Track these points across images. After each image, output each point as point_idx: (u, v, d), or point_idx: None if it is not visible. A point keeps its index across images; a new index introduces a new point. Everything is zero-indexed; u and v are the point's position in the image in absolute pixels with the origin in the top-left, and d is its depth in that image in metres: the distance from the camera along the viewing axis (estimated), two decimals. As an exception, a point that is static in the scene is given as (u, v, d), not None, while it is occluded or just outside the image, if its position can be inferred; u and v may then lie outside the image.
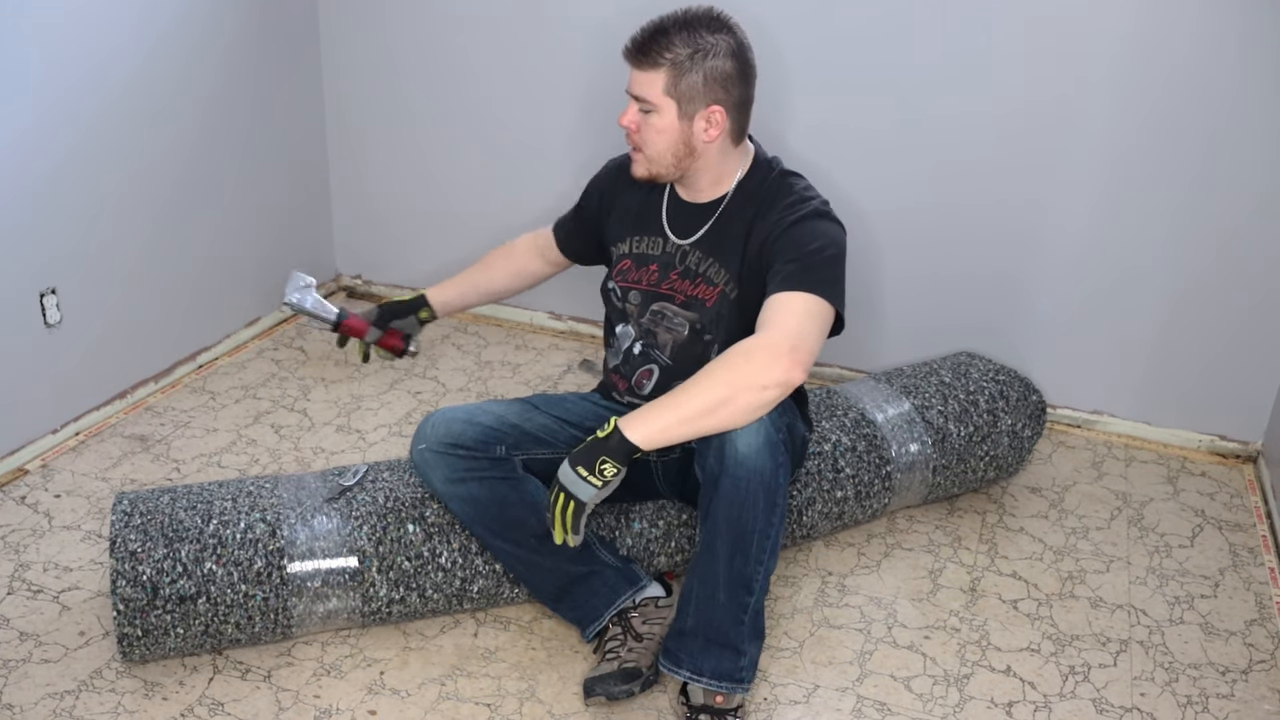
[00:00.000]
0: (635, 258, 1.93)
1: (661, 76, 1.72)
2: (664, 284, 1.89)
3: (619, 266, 1.95)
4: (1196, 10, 2.31)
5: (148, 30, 2.50)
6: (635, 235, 1.93)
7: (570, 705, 1.79)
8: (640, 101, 1.75)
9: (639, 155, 1.81)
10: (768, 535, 1.65)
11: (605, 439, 1.59)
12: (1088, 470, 2.56)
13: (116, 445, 2.47)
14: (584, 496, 1.59)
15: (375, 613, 1.88)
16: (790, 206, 1.79)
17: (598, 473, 1.58)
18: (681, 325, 1.88)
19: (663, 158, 1.79)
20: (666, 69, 1.72)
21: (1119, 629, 2.03)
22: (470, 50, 2.90)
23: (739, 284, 1.82)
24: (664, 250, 1.89)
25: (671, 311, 1.88)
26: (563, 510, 1.61)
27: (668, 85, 1.72)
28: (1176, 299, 2.55)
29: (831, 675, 1.88)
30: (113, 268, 2.53)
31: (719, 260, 1.84)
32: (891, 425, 2.23)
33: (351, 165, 3.17)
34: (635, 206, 1.94)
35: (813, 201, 1.81)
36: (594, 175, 2.06)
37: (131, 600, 1.72)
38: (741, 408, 1.58)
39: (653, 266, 1.90)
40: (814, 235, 1.75)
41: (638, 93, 1.75)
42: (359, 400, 2.71)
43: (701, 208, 1.86)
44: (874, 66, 2.57)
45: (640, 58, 1.73)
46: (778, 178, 1.84)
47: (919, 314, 2.76)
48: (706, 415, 1.57)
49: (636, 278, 1.92)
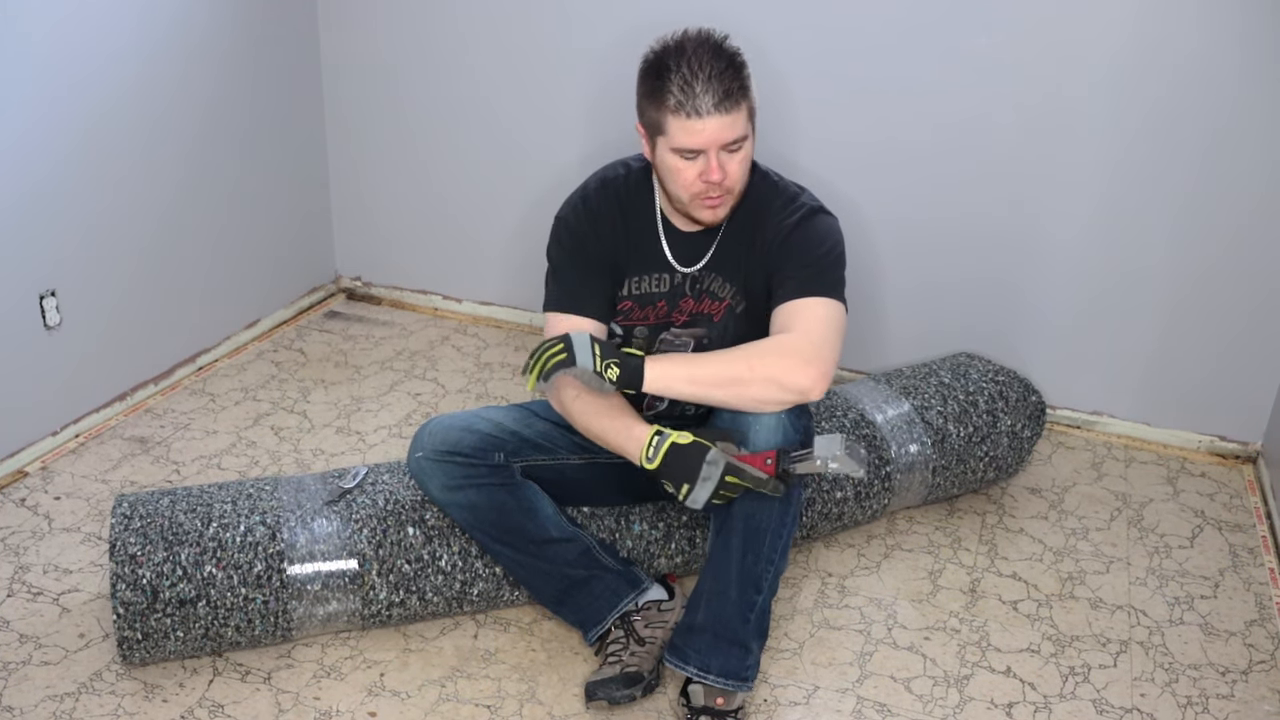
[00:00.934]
0: (638, 299, 1.84)
1: (745, 107, 1.65)
2: (674, 313, 1.85)
3: (620, 308, 1.85)
4: (1196, 12, 2.31)
5: (147, 32, 2.50)
6: (636, 276, 1.83)
7: (570, 707, 1.79)
8: (733, 144, 1.64)
9: (725, 198, 1.70)
10: (780, 535, 1.66)
11: (629, 357, 1.63)
12: (1087, 471, 2.56)
13: (116, 447, 2.47)
14: (578, 361, 1.60)
15: (375, 615, 1.88)
16: (785, 209, 1.77)
17: (603, 365, 1.60)
18: (684, 345, 1.86)
19: (745, 184, 1.73)
20: (746, 97, 1.65)
21: (1119, 630, 2.03)
22: (470, 51, 2.90)
23: (745, 296, 1.81)
24: (671, 285, 1.83)
25: (673, 334, 1.87)
26: (550, 353, 1.61)
27: (749, 113, 1.67)
28: (1176, 300, 2.55)
29: (831, 676, 1.88)
30: (113, 270, 2.53)
31: (724, 276, 1.82)
32: (891, 426, 2.23)
33: (351, 166, 3.16)
34: (633, 245, 1.82)
35: (803, 198, 1.79)
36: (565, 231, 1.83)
37: (131, 604, 1.72)
38: (752, 395, 1.60)
39: (660, 304, 1.84)
40: (820, 237, 1.75)
41: (731, 136, 1.63)
42: (359, 402, 2.71)
43: (702, 234, 1.81)
44: (873, 75, 2.56)
45: (728, 102, 1.61)
46: (759, 180, 1.80)
47: (920, 316, 2.75)
48: (716, 386, 1.61)
49: (643, 315, 1.86)
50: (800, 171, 2.66)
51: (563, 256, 1.83)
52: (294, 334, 3.07)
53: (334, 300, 3.28)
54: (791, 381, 1.59)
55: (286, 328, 3.10)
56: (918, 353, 2.74)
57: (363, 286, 3.31)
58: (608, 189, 1.83)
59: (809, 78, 2.61)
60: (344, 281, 3.32)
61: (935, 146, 2.59)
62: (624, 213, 1.82)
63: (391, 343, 3.03)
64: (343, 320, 3.16)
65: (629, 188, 1.83)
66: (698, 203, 1.70)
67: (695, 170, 1.66)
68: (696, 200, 1.69)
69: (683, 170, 1.66)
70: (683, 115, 1.61)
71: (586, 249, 1.81)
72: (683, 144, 1.64)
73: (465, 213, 3.09)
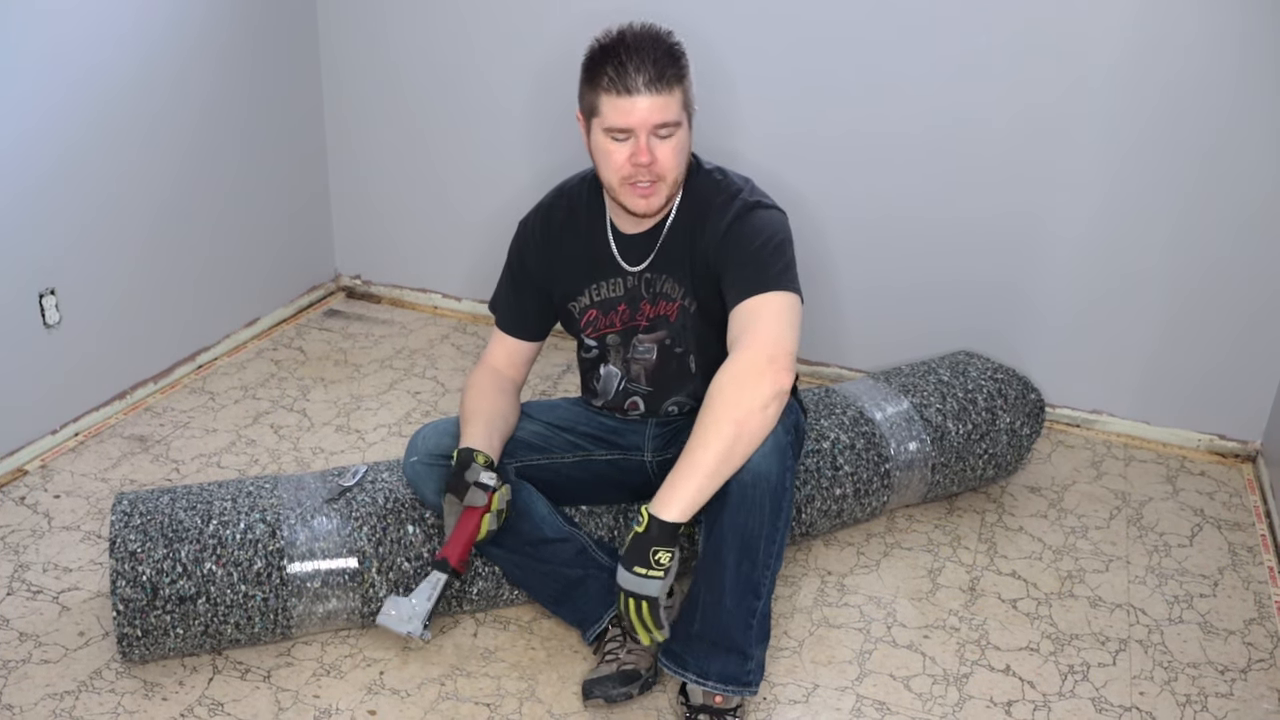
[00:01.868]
0: (599, 305, 1.86)
1: (679, 92, 1.66)
2: (637, 316, 1.86)
3: (585, 318, 1.88)
4: (1196, 13, 2.31)
5: (146, 30, 2.50)
6: (593, 284, 1.86)
7: (569, 705, 1.79)
8: (662, 127, 1.65)
9: (657, 186, 1.70)
10: (774, 540, 1.64)
11: (645, 533, 1.57)
12: (1087, 470, 2.56)
13: (116, 446, 2.47)
14: (653, 592, 1.58)
15: (375, 614, 1.88)
16: (722, 208, 1.75)
17: (655, 564, 1.57)
18: (649, 350, 1.86)
19: (680, 177, 1.72)
20: (681, 83, 1.66)
21: (1118, 628, 2.03)
22: (470, 50, 2.90)
23: (695, 295, 1.80)
24: (626, 288, 1.84)
25: (638, 340, 1.87)
26: (638, 614, 1.60)
27: (684, 99, 1.68)
28: (1176, 299, 2.55)
29: (831, 675, 1.88)
30: (112, 268, 2.53)
31: (672, 276, 1.81)
32: (890, 423, 2.23)
33: (351, 165, 3.17)
34: (580, 255, 1.85)
35: (742, 193, 1.76)
36: (516, 239, 1.92)
37: (131, 601, 1.72)
38: (754, 436, 1.56)
39: (621, 307, 1.86)
40: (755, 231, 1.71)
41: (661, 119, 1.64)
42: (358, 400, 2.71)
43: (647, 235, 1.81)
44: (872, 74, 2.56)
45: (659, 84, 1.63)
46: (703, 178, 1.79)
47: (919, 316, 2.75)
48: (726, 461, 1.56)
49: (609, 322, 1.87)
50: (800, 170, 2.68)
51: (508, 265, 1.93)
52: (294, 332, 3.07)
53: (334, 298, 3.28)
54: (764, 396, 1.56)
55: (286, 326, 3.10)
56: (917, 352, 2.74)
57: (362, 285, 3.31)
58: (562, 198, 1.89)
59: (807, 74, 2.61)
60: (344, 279, 3.32)
61: (935, 145, 2.59)
62: (575, 220, 1.86)
63: (391, 341, 3.04)
64: (342, 318, 3.16)
65: (582, 194, 1.86)
66: (627, 189, 1.71)
67: (625, 153, 1.67)
68: (626, 186, 1.70)
69: (613, 152, 1.68)
70: (614, 93, 1.64)
71: (526, 264, 1.89)
72: (613, 122, 1.66)
73: (465, 211, 3.09)
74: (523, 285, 1.92)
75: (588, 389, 1.97)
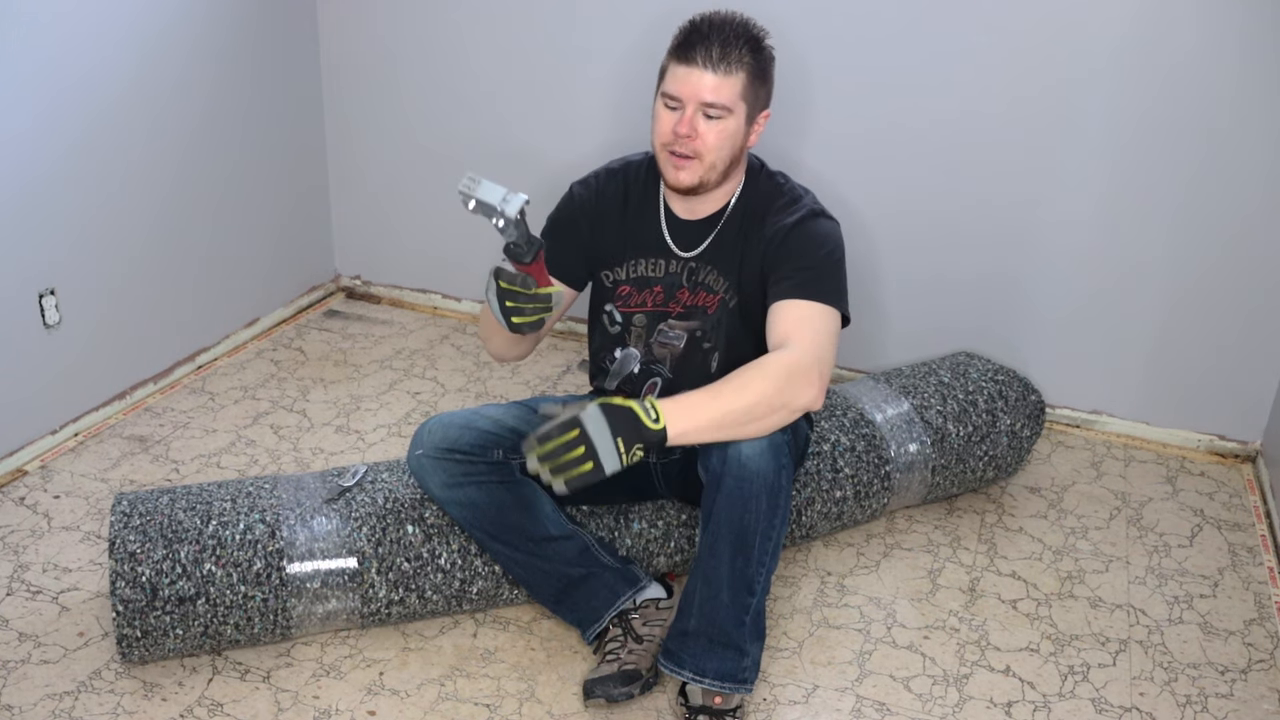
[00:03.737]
0: (635, 282, 1.88)
1: (740, 81, 1.69)
2: (670, 303, 1.87)
3: (618, 292, 1.90)
4: (1196, 10, 2.31)
5: (146, 30, 2.50)
6: (633, 259, 1.88)
7: (569, 705, 1.79)
8: (711, 107, 1.68)
9: (691, 163, 1.72)
10: (770, 536, 1.65)
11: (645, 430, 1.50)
12: (1087, 470, 2.56)
13: (115, 446, 2.47)
14: (607, 469, 1.50)
15: (374, 614, 1.88)
16: (785, 209, 1.79)
17: (632, 454, 1.51)
18: (678, 338, 1.87)
19: (720, 164, 1.74)
20: (745, 74, 1.69)
21: (1118, 629, 2.03)
22: (470, 50, 2.90)
23: (738, 291, 1.82)
24: (667, 271, 1.86)
25: (668, 325, 1.88)
26: (571, 458, 1.49)
27: (745, 90, 1.70)
28: (1175, 298, 2.55)
29: (831, 675, 1.88)
30: (112, 268, 2.53)
31: (718, 268, 1.83)
32: (890, 425, 2.23)
33: (351, 165, 3.16)
34: (630, 229, 1.88)
35: (805, 200, 1.81)
36: (565, 200, 1.91)
37: (131, 601, 1.72)
38: (769, 424, 1.59)
39: (657, 289, 1.87)
40: (819, 240, 1.75)
41: (712, 98, 1.67)
42: (358, 401, 2.71)
43: (702, 223, 1.84)
44: (870, 69, 2.56)
45: (720, 63, 1.67)
46: (765, 179, 1.84)
47: (919, 315, 2.75)
48: (739, 425, 1.56)
49: (640, 300, 1.89)
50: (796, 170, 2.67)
51: (552, 219, 1.92)
52: (293, 332, 3.07)
53: (333, 299, 3.28)
54: (800, 402, 1.59)
55: (286, 326, 3.10)
56: (917, 352, 2.74)
57: (362, 285, 3.31)
58: (621, 171, 1.91)
59: (809, 72, 2.61)
60: (343, 280, 3.32)
61: (933, 144, 2.59)
62: (630, 194, 1.88)
63: (391, 341, 3.03)
64: (342, 319, 3.16)
65: (641, 171, 1.90)
66: (665, 156, 1.74)
67: (672, 120, 1.71)
68: (664, 153, 1.74)
69: (662, 117, 1.73)
70: (678, 60, 1.70)
71: (577, 226, 1.89)
72: (669, 88, 1.71)
73: (465, 212, 3.08)
74: (563, 236, 1.88)
75: (598, 368, 1.97)
